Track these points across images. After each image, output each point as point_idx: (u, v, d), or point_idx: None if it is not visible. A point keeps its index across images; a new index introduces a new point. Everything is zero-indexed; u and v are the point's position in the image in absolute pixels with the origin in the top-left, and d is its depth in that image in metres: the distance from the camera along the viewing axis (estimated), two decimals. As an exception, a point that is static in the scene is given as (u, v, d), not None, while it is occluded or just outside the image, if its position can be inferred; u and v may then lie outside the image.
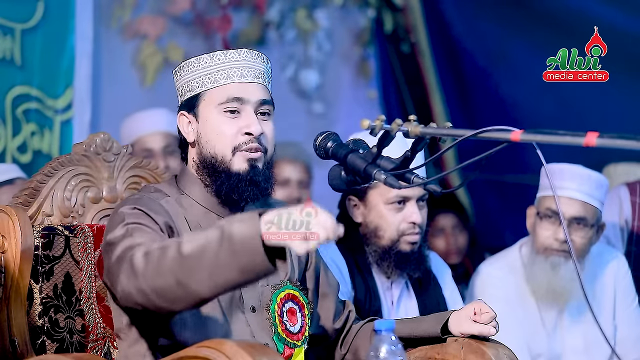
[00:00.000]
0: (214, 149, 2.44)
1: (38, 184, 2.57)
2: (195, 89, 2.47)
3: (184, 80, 2.49)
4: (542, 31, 5.08)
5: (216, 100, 2.44)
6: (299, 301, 2.53)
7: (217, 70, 2.46)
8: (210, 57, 2.47)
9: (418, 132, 2.24)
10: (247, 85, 2.46)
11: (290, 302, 2.50)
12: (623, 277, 3.59)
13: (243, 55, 2.48)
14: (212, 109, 2.45)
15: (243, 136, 2.43)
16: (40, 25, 4.35)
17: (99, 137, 2.68)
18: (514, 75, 5.27)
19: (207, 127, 2.45)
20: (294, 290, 2.52)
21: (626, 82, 4.58)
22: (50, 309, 2.49)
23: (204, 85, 2.46)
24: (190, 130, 2.49)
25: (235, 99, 2.43)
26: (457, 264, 4.50)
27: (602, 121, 4.75)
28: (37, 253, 2.49)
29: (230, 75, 2.45)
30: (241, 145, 2.42)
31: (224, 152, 2.43)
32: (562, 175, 3.41)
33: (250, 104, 2.45)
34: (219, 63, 2.46)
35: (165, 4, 4.98)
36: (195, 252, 2.08)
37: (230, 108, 2.43)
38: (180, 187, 2.51)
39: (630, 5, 5.01)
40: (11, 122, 4.26)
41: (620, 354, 3.47)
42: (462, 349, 2.50)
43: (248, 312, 2.44)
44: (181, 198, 2.48)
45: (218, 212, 2.48)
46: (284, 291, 2.50)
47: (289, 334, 2.48)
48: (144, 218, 2.33)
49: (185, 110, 2.50)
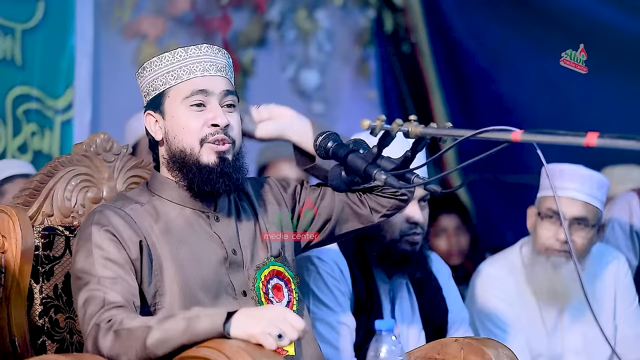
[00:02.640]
0: (182, 142, 2.45)
1: (38, 184, 2.57)
2: (159, 88, 2.49)
3: (148, 80, 2.52)
4: (542, 31, 5.08)
5: (181, 95, 2.46)
6: (284, 276, 2.54)
7: (180, 67, 2.47)
8: (171, 54, 2.49)
9: (418, 132, 2.23)
10: (210, 78, 2.48)
11: (275, 279, 2.52)
12: (623, 277, 3.59)
13: (204, 50, 2.50)
14: (177, 105, 2.46)
15: (209, 128, 2.44)
16: (41, 25, 4.35)
17: (99, 137, 2.68)
18: (514, 75, 5.27)
19: (173, 123, 2.46)
20: (278, 267, 2.53)
21: (626, 82, 4.59)
22: (50, 309, 2.49)
23: (167, 82, 2.48)
24: (158, 128, 2.50)
25: (200, 91, 2.45)
26: (458, 265, 4.49)
27: (602, 121, 4.75)
28: (37, 253, 2.49)
29: (192, 70, 2.47)
30: (208, 137, 2.44)
31: (192, 145, 2.44)
32: (563, 176, 3.41)
33: (214, 96, 2.46)
34: (181, 59, 2.48)
35: (165, 4, 4.98)
36: (159, 344, 2.18)
37: (195, 102, 2.45)
38: (152, 190, 2.52)
39: (630, 5, 5.01)
40: (11, 122, 4.26)
41: (620, 353, 3.47)
42: (462, 349, 2.50)
43: (240, 297, 2.46)
44: (153, 200, 2.49)
45: (192, 206, 2.49)
46: (267, 268, 2.51)
47: None
48: (112, 247, 2.35)
49: (150, 109, 2.51)
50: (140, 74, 2.55)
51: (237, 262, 2.49)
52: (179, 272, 2.40)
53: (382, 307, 3.12)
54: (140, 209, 2.46)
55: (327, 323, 3.01)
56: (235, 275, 2.47)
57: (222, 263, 2.47)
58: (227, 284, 2.46)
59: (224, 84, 2.49)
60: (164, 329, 2.17)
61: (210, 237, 2.48)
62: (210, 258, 2.46)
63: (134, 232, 2.39)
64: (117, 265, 2.34)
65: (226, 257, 2.47)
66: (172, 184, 2.49)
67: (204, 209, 2.51)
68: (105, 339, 2.22)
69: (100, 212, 2.42)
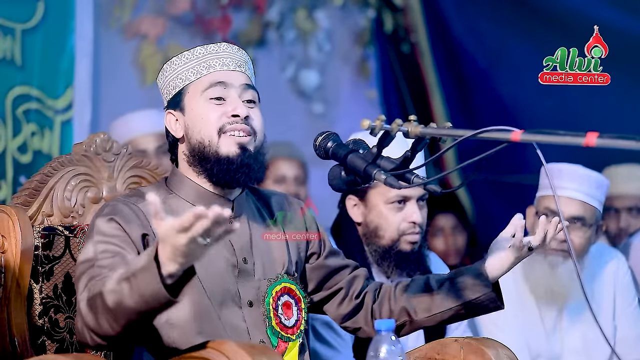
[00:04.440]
0: (200, 134, 2.43)
1: (38, 184, 2.57)
2: (179, 85, 2.49)
3: (168, 80, 2.51)
4: (542, 31, 5.08)
5: (200, 88, 2.45)
6: (296, 294, 2.52)
7: (199, 63, 2.47)
8: (190, 52, 2.49)
9: (418, 132, 2.24)
10: (229, 72, 2.48)
11: (286, 296, 2.50)
12: (623, 277, 3.59)
13: (223, 47, 2.51)
14: (197, 99, 2.45)
15: (228, 118, 2.43)
16: (41, 25, 4.35)
17: (99, 137, 2.68)
18: (514, 75, 5.27)
19: (193, 116, 2.45)
20: (290, 284, 2.51)
21: (626, 83, 4.58)
22: (50, 309, 2.49)
23: (187, 79, 2.47)
24: (178, 126, 2.49)
25: (219, 83, 2.44)
26: (456, 265, 4.49)
27: (602, 121, 4.75)
28: (37, 253, 2.49)
29: (212, 65, 2.47)
30: (225, 126, 2.42)
31: (210, 135, 2.42)
32: (561, 175, 3.41)
33: (234, 89, 2.46)
34: (200, 56, 2.48)
35: (165, 4, 4.98)
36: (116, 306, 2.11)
37: (215, 95, 2.44)
38: (169, 187, 2.51)
39: (631, 5, 5.00)
40: (11, 122, 4.26)
41: (620, 354, 3.47)
42: (462, 349, 2.50)
43: (245, 307, 2.44)
44: (169, 199, 2.47)
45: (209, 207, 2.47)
46: (280, 284, 2.49)
47: (283, 328, 2.47)
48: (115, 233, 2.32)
49: (171, 108, 2.51)
50: (161, 76, 2.54)
51: (246, 271, 2.46)
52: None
53: (382, 307, 3.12)
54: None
55: (326, 323, 3.01)
56: (243, 284, 2.44)
57: (231, 270, 2.44)
58: (234, 292, 2.43)
59: (243, 79, 2.49)
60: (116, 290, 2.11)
61: (222, 242, 2.40)
62: (220, 264, 2.43)
63: (142, 227, 2.36)
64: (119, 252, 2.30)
65: (235, 264, 2.45)
66: (190, 183, 2.47)
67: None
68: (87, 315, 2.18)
69: (111, 205, 2.40)
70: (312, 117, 5.50)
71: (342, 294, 2.64)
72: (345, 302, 2.64)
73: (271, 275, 2.49)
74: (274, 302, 2.46)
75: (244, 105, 2.44)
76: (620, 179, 4.45)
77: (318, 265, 2.63)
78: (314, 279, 2.63)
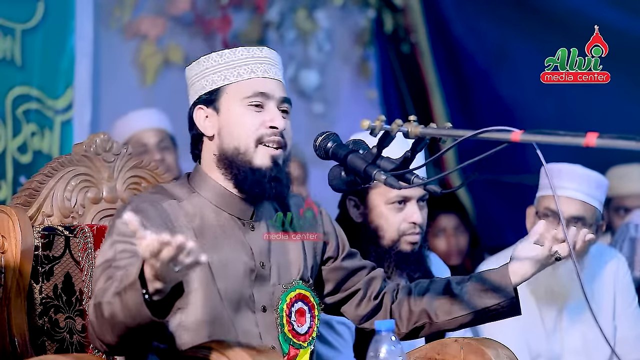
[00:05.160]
0: (237, 140, 2.41)
1: (38, 184, 2.57)
2: (217, 82, 2.45)
3: (204, 74, 2.47)
4: (542, 31, 5.08)
5: (241, 93, 2.43)
6: (310, 301, 2.51)
7: (240, 65, 2.45)
8: (232, 52, 2.48)
9: (418, 132, 2.24)
10: (270, 81, 2.47)
11: (300, 303, 2.48)
12: (623, 277, 3.59)
13: (265, 52, 2.50)
14: (236, 102, 2.43)
15: (266, 129, 2.41)
16: (41, 25, 4.35)
17: (99, 137, 2.68)
18: (514, 75, 5.27)
19: (230, 120, 2.43)
20: (305, 291, 2.50)
21: (626, 82, 4.58)
22: (50, 309, 2.49)
23: (226, 79, 2.45)
24: (209, 124, 2.46)
25: (261, 93, 2.43)
26: (458, 265, 4.49)
27: (602, 122, 4.75)
28: (37, 253, 2.49)
29: (253, 70, 2.46)
30: (264, 137, 2.41)
31: (247, 144, 2.41)
32: (561, 175, 3.41)
33: (273, 100, 2.45)
34: (242, 58, 2.47)
35: (165, 5, 4.98)
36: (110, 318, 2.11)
37: (255, 102, 2.43)
38: (192, 185, 2.48)
39: (631, 5, 5.01)
40: (11, 123, 4.26)
41: (620, 354, 3.46)
42: (462, 349, 2.50)
43: (259, 312, 2.43)
44: (192, 198, 2.45)
45: (230, 211, 2.46)
46: (294, 291, 2.48)
47: (295, 335, 2.46)
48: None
49: (202, 104, 2.47)
50: (193, 68, 2.51)
51: (263, 275, 2.45)
52: (204, 278, 2.35)
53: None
54: (177, 205, 2.41)
55: (326, 323, 3.01)
56: (258, 288, 2.43)
57: (248, 274, 2.43)
58: (249, 296, 2.42)
59: (281, 90, 2.48)
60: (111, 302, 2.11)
61: (242, 245, 2.44)
62: (238, 268, 2.41)
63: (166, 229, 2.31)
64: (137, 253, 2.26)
65: (253, 269, 2.43)
66: (213, 183, 2.45)
67: (241, 216, 2.46)
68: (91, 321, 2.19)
69: (134, 204, 2.38)
70: (312, 117, 5.50)
71: (360, 295, 2.64)
72: (363, 303, 2.64)
73: (286, 280, 2.48)
74: (288, 309, 2.45)
75: (281, 117, 2.44)
76: (630, 178, 4.46)
77: (335, 267, 2.63)
78: (331, 281, 2.63)
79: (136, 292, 2.03)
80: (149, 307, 2.04)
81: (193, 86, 2.50)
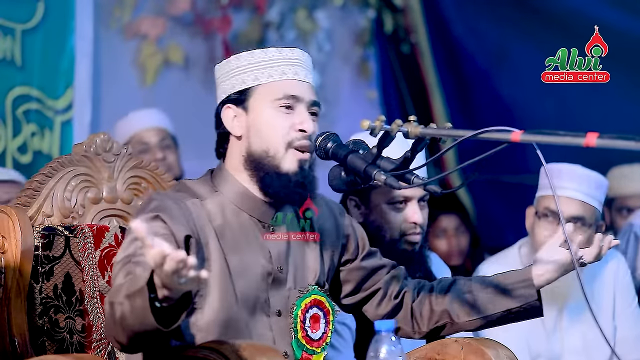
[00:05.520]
0: (266, 142, 2.39)
1: (38, 184, 2.57)
2: (247, 82, 2.43)
3: (233, 73, 2.45)
4: (542, 31, 5.08)
5: (271, 95, 2.41)
6: (325, 307, 2.49)
7: (272, 66, 2.43)
8: (263, 52, 2.45)
9: (418, 132, 2.24)
10: (300, 83, 2.45)
11: (315, 308, 2.46)
12: (622, 277, 3.59)
13: (297, 54, 2.48)
14: (266, 104, 2.41)
15: (296, 132, 2.39)
16: (41, 25, 4.35)
17: (99, 137, 2.68)
18: (514, 75, 5.28)
19: (259, 121, 2.41)
20: (320, 296, 2.48)
21: (626, 82, 4.59)
22: (50, 309, 2.49)
23: (257, 79, 2.42)
24: (237, 124, 2.43)
25: (292, 96, 2.41)
26: (459, 266, 4.49)
27: (602, 121, 4.75)
28: (37, 253, 2.49)
29: (285, 71, 2.43)
30: (294, 141, 2.39)
31: (277, 148, 2.39)
32: (561, 175, 3.41)
33: (304, 103, 2.43)
34: (274, 59, 2.44)
35: (165, 5, 4.99)
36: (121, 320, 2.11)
37: (286, 104, 2.41)
38: (214, 184, 2.45)
39: (631, 5, 5.01)
40: (11, 123, 4.26)
41: (620, 354, 3.46)
42: (462, 350, 2.50)
43: (273, 316, 2.41)
44: (214, 197, 2.42)
45: (251, 212, 2.43)
46: (309, 297, 2.46)
47: (308, 341, 2.45)
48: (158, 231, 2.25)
49: (231, 103, 2.44)
50: (223, 66, 2.48)
51: (280, 279, 2.43)
52: (222, 280, 2.34)
53: (382, 307, 3.11)
54: (199, 204, 2.39)
55: (327, 323, 3.01)
56: (274, 292, 2.42)
57: (265, 278, 2.41)
58: (265, 300, 2.40)
59: (311, 93, 2.46)
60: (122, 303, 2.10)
61: (260, 248, 2.42)
62: (256, 271, 2.40)
63: (189, 228, 2.31)
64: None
65: (270, 272, 2.42)
66: (237, 184, 2.43)
67: (261, 218, 2.44)
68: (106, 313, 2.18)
69: (158, 200, 2.35)
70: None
71: (380, 295, 2.62)
72: (384, 302, 2.63)
73: (302, 284, 2.47)
74: (302, 315, 2.44)
75: (311, 121, 2.42)
76: (632, 178, 4.45)
77: (355, 267, 2.61)
78: (351, 281, 2.62)
79: (144, 298, 2.02)
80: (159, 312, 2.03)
81: (222, 85, 2.48)
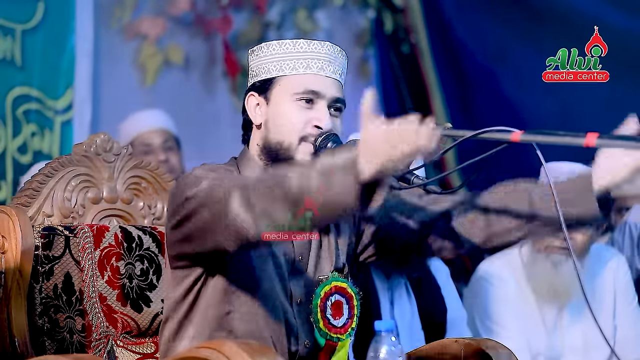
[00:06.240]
0: (281, 134, 2.39)
1: (38, 184, 2.57)
2: (272, 72, 2.42)
3: (261, 61, 2.44)
4: (542, 31, 5.08)
5: (292, 88, 2.40)
6: (347, 292, 2.46)
7: (297, 59, 2.41)
8: (292, 43, 2.42)
9: (418, 132, 2.23)
10: (324, 79, 2.43)
11: (336, 295, 2.44)
12: (623, 276, 3.60)
13: (326, 48, 2.45)
14: (286, 96, 2.40)
15: (312, 128, 2.39)
16: (41, 25, 4.35)
17: (99, 137, 2.68)
18: (515, 75, 5.28)
19: (277, 113, 2.40)
20: (341, 282, 2.46)
21: (626, 82, 4.59)
22: (50, 309, 2.49)
23: (281, 70, 2.41)
24: (258, 112, 2.44)
25: (312, 91, 2.40)
26: (459, 266, 4.49)
27: (602, 121, 4.75)
28: (37, 253, 2.49)
29: (310, 65, 2.41)
30: (308, 137, 2.38)
31: (291, 140, 2.38)
32: (561, 174, 3.41)
33: (325, 99, 2.42)
34: (301, 51, 2.42)
35: (165, 5, 4.99)
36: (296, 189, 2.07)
37: (306, 98, 2.40)
38: (239, 167, 2.46)
39: (630, 5, 5.01)
40: (11, 123, 4.26)
41: (620, 354, 3.47)
42: (462, 349, 2.50)
43: (295, 305, 2.40)
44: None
45: None
46: (329, 284, 2.44)
47: (331, 328, 2.42)
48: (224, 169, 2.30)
49: (256, 91, 2.45)
50: (254, 53, 2.47)
51: (300, 268, 2.42)
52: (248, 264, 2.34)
53: (381, 307, 3.12)
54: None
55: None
56: (294, 281, 2.40)
57: (288, 266, 2.40)
58: (287, 289, 2.39)
59: (336, 89, 2.45)
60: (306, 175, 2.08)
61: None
62: (279, 260, 2.39)
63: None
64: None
65: (292, 261, 2.41)
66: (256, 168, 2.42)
67: None
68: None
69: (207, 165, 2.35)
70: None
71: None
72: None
73: (321, 273, 2.45)
74: (322, 303, 2.41)
75: (329, 118, 2.41)
76: (632, 179, 4.45)
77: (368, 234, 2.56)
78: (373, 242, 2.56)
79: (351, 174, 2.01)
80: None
81: (251, 71, 2.48)
